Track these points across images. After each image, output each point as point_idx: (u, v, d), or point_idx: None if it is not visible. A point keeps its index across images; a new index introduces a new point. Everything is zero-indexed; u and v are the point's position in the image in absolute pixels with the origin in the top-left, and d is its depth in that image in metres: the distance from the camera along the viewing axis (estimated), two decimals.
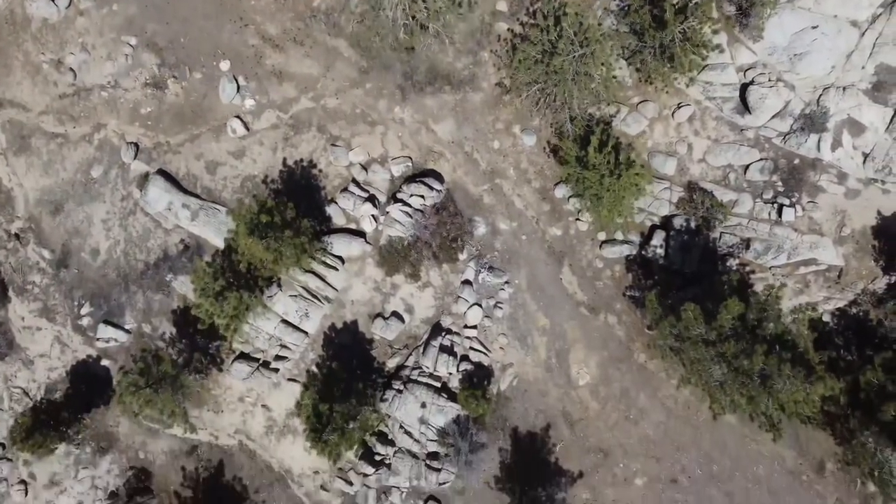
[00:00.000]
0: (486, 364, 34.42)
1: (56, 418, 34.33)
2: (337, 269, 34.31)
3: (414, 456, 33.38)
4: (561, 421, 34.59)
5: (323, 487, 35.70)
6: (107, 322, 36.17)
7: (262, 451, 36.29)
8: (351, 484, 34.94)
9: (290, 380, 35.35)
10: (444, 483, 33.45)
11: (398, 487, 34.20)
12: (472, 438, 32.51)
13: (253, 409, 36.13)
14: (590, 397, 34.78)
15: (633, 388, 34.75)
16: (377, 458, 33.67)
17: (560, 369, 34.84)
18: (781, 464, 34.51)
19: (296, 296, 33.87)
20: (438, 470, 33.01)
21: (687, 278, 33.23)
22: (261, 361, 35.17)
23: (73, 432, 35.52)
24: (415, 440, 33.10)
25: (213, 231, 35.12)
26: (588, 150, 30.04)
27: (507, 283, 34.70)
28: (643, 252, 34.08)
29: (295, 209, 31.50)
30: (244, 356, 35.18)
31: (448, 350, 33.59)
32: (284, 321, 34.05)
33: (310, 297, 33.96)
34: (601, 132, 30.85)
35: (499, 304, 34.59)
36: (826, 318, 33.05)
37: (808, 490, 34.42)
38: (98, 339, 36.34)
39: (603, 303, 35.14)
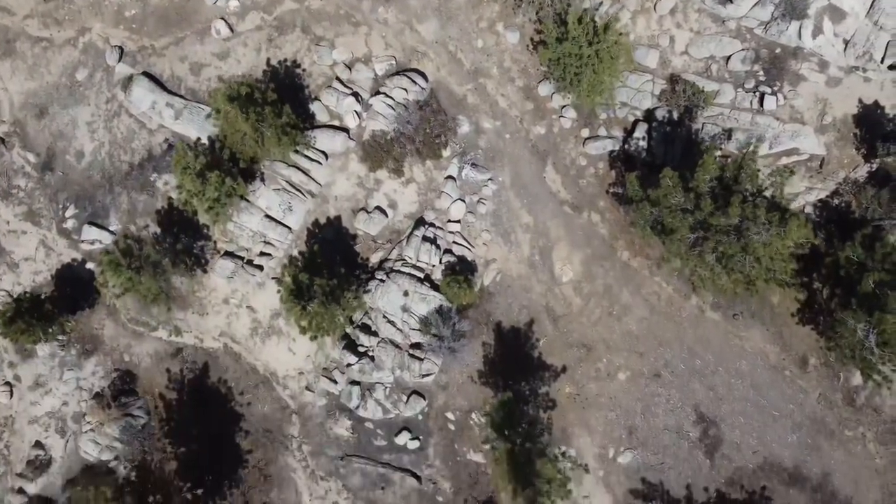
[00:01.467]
0: (469, 259, 34.48)
1: (40, 311, 34.33)
2: (320, 164, 34.35)
3: (397, 346, 33.42)
4: (544, 316, 34.65)
5: (308, 388, 35.75)
6: (91, 223, 36.21)
7: (246, 353, 36.35)
8: (336, 382, 35.01)
9: (274, 279, 35.37)
10: (427, 375, 33.51)
11: (382, 383, 34.27)
12: (454, 327, 32.55)
13: (238, 310, 36.17)
14: (573, 293, 34.85)
15: (616, 285, 34.83)
16: (360, 349, 33.72)
17: (543, 266, 34.91)
18: (764, 359, 34.61)
19: (279, 189, 33.93)
20: (421, 360, 33.05)
21: None
22: (245, 260, 35.21)
23: (58, 330, 35.50)
24: (398, 329, 33.15)
25: (197, 129, 35.17)
26: (567, 24, 30.12)
27: (490, 180, 34.77)
28: (626, 146, 34.15)
29: (276, 93, 31.53)
30: (229, 255, 35.21)
31: (431, 241, 33.63)
32: (268, 216, 34.09)
33: (293, 190, 34.00)
34: (581, 9, 30.92)
35: (482, 201, 34.66)
36: (808, 210, 33.14)
37: (791, 385, 34.51)
38: (83, 242, 36.39)
39: (586, 201, 35.21)
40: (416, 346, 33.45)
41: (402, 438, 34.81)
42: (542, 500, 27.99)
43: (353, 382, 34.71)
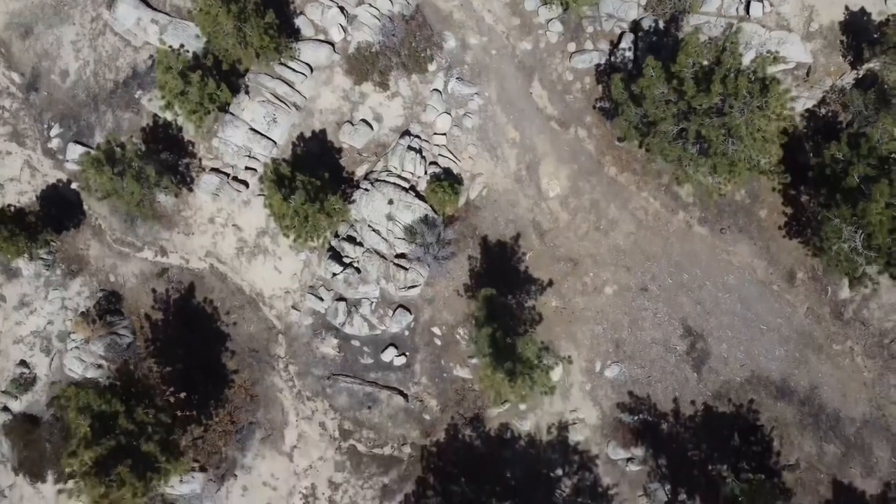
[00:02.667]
0: (455, 172, 34.31)
1: (23, 222, 34.18)
2: (305, 76, 34.18)
3: (382, 257, 33.26)
4: (531, 230, 34.50)
5: (294, 307, 35.60)
6: (77, 142, 36.07)
7: (232, 273, 36.20)
8: (322, 300, 34.86)
9: (259, 195, 35.20)
10: (413, 286, 33.35)
11: (367, 298, 34.12)
12: (440, 235, 32.38)
13: (223, 230, 36.03)
14: (560, 208, 34.69)
15: (602, 200, 34.68)
16: (346, 260, 33.56)
17: (530, 181, 34.77)
18: (752, 274, 34.47)
19: (263, 101, 33.76)
20: (406, 269, 32.89)
21: None
22: (230, 176, 35.06)
23: (42, 246, 35.36)
24: (382, 238, 33.00)
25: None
26: None
27: (476, 94, 34.61)
28: (612, 59, 33.98)
29: None
30: (214, 171, 35.05)
31: (417, 151, 33.48)
32: (252, 129, 33.94)
33: (278, 102, 33.84)
34: None
35: (468, 115, 34.50)
36: (796, 119, 33.00)
37: (778, 299, 34.38)
38: (68, 161, 36.25)
39: (573, 116, 35.06)
40: (402, 256, 33.29)
41: (389, 355, 34.67)
42: (522, 379, 27.76)
43: (339, 299, 34.57)
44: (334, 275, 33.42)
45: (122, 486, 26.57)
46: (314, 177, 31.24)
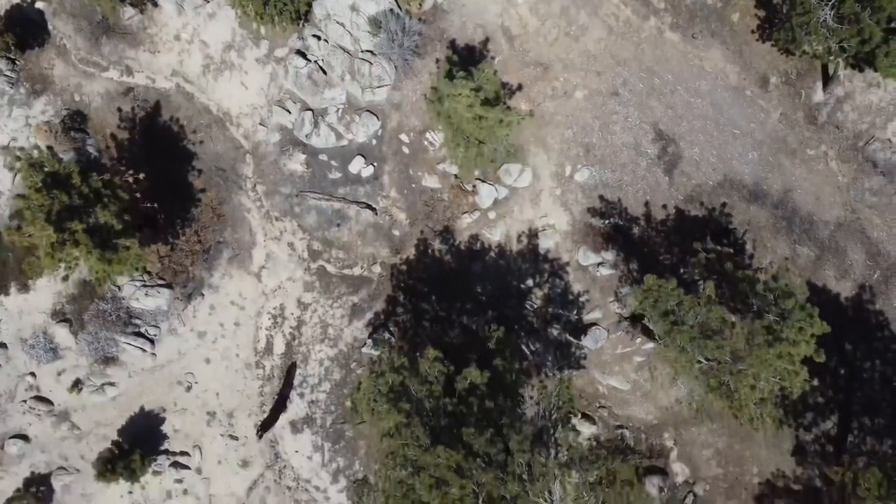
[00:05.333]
0: None
1: None
2: None
3: (347, 52, 32.69)
4: (500, 35, 33.92)
5: (261, 123, 35.08)
6: None
7: (199, 93, 35.64)
8: (289, 112, 34.36)
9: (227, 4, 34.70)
10: (380, 85, 32.80)
11: (334, 104, 33.62)
12: (405, 25, 31.78)
13: (189, 46, 35.47)
14: (529, 14, 34.09)
15: (573, 7, 34.08)
16: (310, 58, 33.03)
17: None
18: (724, 79, 33.97)
19: None
20: (371, 63, 32.33)
21: None
22: None
23: (7, 67, 34.87)
24: (346, 31, 32.40)
25: None
26: None
27: None
28: None
29: None
30: None
31: None
32: None
33: None
34: None
35: None
36: None
37: (751, 104, 33.90)
38: None
39: None
40: (368, 52, 32.74)
41: (356, 166, 34.17)
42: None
43: (306, 109, 34.05)
44: (299, 69, 32.81)
45: (75, 245, 26.00)
46: None
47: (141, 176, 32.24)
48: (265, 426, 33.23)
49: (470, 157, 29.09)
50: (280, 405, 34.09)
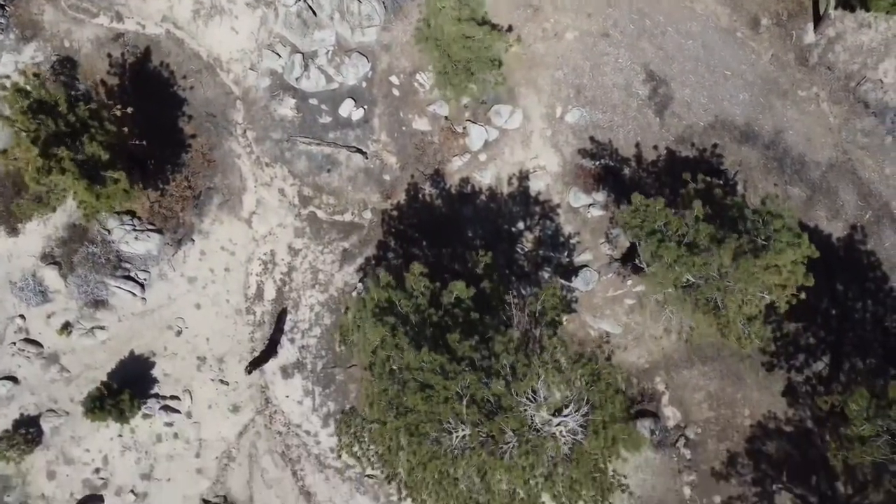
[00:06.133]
0: None
1: None
2: None
3: None
4: None
5: (251, 68, 34.96)
6: None
7: (189, 39, 35.48)
8: (279, 56, 34.25)
9: None
10: (369, 25, 32.70)
11: (324, 46, 33.52)
12: None
13: None
14: None
15: None
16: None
17: None
18: (715, 21, 33.94)
19: None
20: (361, 2, 32.23)
21: None
22: None
23: None
24: None
25: None
26: None
27: None
28: None
29: None
30: None
31: None
32: None
33: None
34: None
35: None
36: None
37: (742, 46, 33.84)
38: None
39: None
40: None
41: (346, 108, 34.07)
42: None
43: (296, 52, 33.96)
44: (288, 10, 32.73)
45: (62, 172, 25.89)
46: None
47: (129, 110, 32.05)
48: (255, 363, 33.11)
49: (459, 85, 28.94)
50: (270, 350, 33.98)
